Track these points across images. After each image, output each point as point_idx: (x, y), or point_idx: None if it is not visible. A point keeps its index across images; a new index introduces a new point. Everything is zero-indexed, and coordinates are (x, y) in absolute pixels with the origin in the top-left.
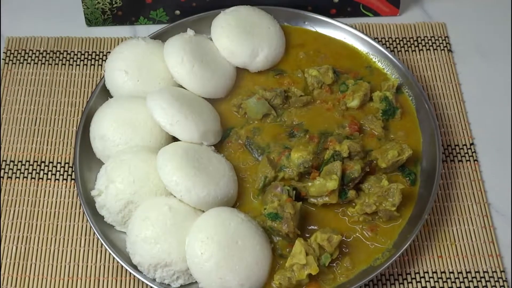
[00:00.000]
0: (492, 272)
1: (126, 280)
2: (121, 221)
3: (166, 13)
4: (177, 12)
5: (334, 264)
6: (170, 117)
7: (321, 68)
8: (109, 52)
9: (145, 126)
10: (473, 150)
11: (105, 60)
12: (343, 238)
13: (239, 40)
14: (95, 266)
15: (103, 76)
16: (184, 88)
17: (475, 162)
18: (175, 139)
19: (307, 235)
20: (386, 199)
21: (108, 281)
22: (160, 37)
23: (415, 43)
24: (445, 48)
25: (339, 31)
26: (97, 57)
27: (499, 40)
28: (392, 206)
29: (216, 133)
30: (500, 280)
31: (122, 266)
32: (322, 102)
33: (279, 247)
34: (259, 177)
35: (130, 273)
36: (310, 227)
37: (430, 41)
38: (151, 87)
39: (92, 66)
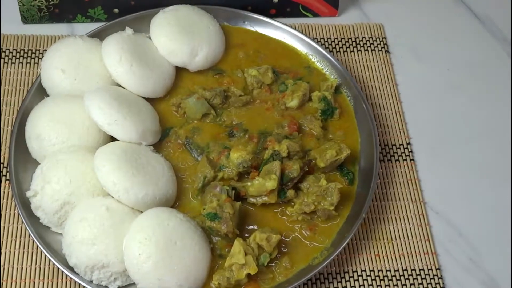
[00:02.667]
0: (428, 269)
1: (62, 282)
2: (57, 222)
3: (104, 11)
4: (116, 10)
5: (273, 264)
6: (108, 116)
7: (260, 68)
8: (46, 50)
9: (82, 125)
10: (409, 150)
11: (41, 58)
12: (282, 237)
13: (179, 39)
14: (30, 268)
15: (39, 74)
16: (122, 87)
17: (412, 161)
18: (113, 138)
19: (246, 235)
20: (324, 198)
21: (44, 283)
22: (98, 35)
23: (354, 43)
24: (383, 49)
25: (279, 31)
26: (33, 55)
27: (434, 42)
28: (330, 206)
29: (155, 133)
30: (436, 277)
31: (58, 268)
32: (261, 102)
33: (218, 247)
34: (198, 177)
35: (67, 275)
36: (249, 227)
37: (368, 42)
38: (89, 86)
39: (28, 64)
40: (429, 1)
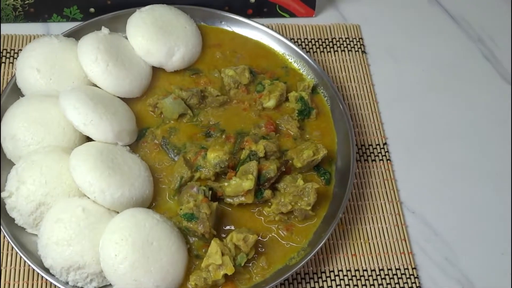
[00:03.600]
0: (404, 269)
1: (38, 283)
2: (33, 223)
3: (80, 11)
4: (92, 9)
5: (250, 264)
6: (83, 116)
7: (237, 68)
8: (21, 50)
9: (58, 125)
10: (386, 150)
11: (16, 58)
12: (259, 237)
13: (155, 39)
14: (6, 270)
15: (14, 74)
16: (98, 87)
17: (388, 161)
18: (89, 139)
19: (223, 235)
20: (301, 198)
21: (19, 285)
22: (74, 35)
23: (330, 44)
24: (359, 50)
25: (256, 31)
26: (8, 55)
27: (410, 42)
28: (307, 206)
29: (131, 133)
30: (412, 277)
31: (33, 270)
32: (238, 102)
33: (195, 247)
34: (175, 177)
35: (42, 276)
36: (226, 227)
37: (345, 43)
38: (65, 86)
39: (3, 64)
40: (405, 2)
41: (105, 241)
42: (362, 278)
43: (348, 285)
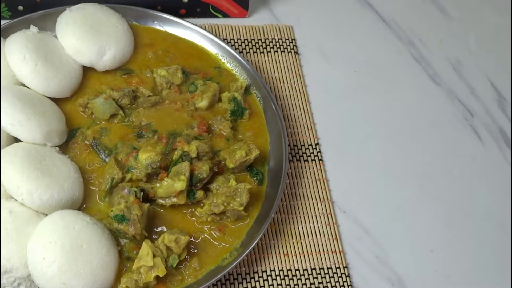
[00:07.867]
0: (336, 268)
1: None
2: None
3: (8, 9)
4: (20, 7)
5: (182, 265)
6: (10, 117)
7: (170, 68)
8: None
9: None
10: (318, 150)
11: None
12: (191, 238)
13: (85, 38)
14: None
15: None
16: (27, 87)
17: (320, 161)
18: (16, 139)
19: (155, 237)
20: (234, 199)
21: None
22: (2, 33)
23: (263, 44)
24: (292, 50)
25: (189, 31)
26: None
27: (341, 44)
28: (240, 206)
29: (60, 134)
30: (343, 275)
31: None
32: (171, 102)
33: (126, 249)
34: (106, 179)
35: None
36: (158, 229)
37: (278, 43)
38: None
39: None
40: (337, 4)
41: (33, 244)
42: (295, 277)
43: (281, 285)
